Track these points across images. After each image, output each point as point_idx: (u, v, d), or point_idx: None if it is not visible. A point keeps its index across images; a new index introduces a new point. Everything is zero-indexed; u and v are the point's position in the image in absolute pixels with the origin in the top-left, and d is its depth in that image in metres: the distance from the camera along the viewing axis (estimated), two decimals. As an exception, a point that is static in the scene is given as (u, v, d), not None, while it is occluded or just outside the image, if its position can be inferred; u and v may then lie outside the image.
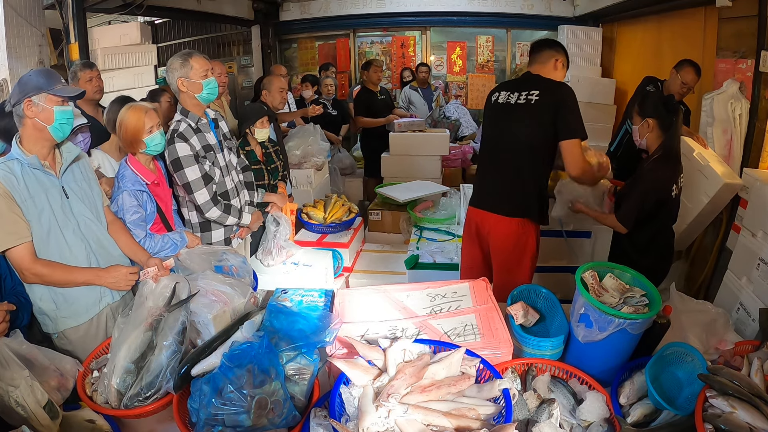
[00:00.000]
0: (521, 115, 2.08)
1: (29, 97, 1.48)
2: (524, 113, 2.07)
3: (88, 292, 1.64)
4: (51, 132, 1.53)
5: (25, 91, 1.49)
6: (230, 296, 1.45)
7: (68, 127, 1.57)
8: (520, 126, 2.09)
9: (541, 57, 2.16)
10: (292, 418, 1.14)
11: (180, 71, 2.02)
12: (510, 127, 2.13)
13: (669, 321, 1.44)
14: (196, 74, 2.02)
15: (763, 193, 2.33)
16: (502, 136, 2.17)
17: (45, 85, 1.50)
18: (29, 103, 1.48)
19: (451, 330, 1.41)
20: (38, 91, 1.49)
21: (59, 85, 1.53)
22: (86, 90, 2.74)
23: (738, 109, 2.67)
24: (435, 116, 5.49)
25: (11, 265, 1.52)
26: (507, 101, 2.15)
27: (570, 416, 1.25)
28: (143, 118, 1.85)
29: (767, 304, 2.07)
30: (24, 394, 1.16)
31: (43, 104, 1.50)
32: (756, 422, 1.05)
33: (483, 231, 2.27)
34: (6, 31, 2.85)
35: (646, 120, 2.14)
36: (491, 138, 2.24)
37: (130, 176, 1.88)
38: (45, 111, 1.50)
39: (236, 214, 2.22)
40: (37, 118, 1.50)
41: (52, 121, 1.51)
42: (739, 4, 2.69)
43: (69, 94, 1.55)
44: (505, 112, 2.14)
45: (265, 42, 6.15)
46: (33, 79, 1.50)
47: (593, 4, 4.85)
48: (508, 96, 2.15)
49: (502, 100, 2.17)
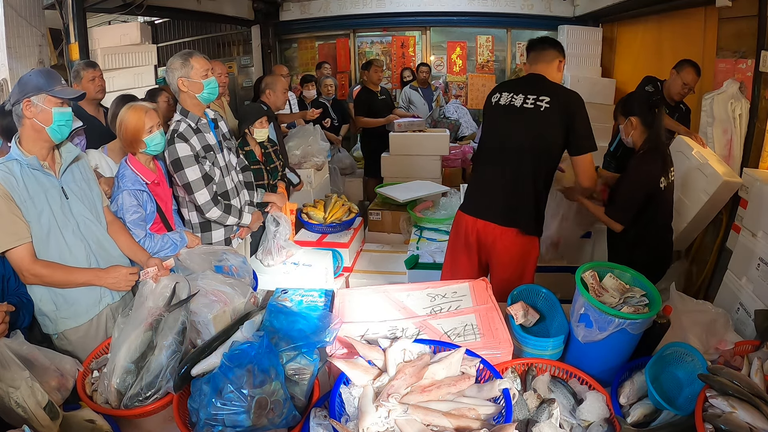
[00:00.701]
0: (528, 120, 1.96)
1: (28, 97, 1.48)
2: (532, 119, 1.95)
3: (88, 293, 1.64)
4: (49, 133, 1.52)
5: (24, 91, 1.48)
6: (230, 296, 1.45)
7: (67, 129, 1.56)
8: (526, 132, 1.97)
9: (545, 56, 2.03)
10: (292, 418, 1.14)
11: (180, 71, 2.01)
12: (514, 132, 2.00)
13: (669, 321, 1.44)
14: (196, 74, 2.02)
15: (763, 193, 2.33)
16: (504, 141, 2.04)
17: (45, 86, 1.49)
18: (28, 103, 1.48)
19: (451, 330, 1.41)
20: (38, 92, 1.48)
21: (59, 86, 1.52)
22: (89, 89, 2.76)
23: (738, 109, 2.67)
24: (435, 116, 5.49)
25: (11, 266, 1.52)
26: (510, 103, 2.02)
27: (570, 416, 1.25)
28: (143, 118, 1.85)
29: (767, 304, 2.07)
30: (24, 395, 1.16)
31: (42, 105, 1.49)
32: (756, 422, 1.05)
33: (486, 241, 2.11)
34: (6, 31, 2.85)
35: (629, 119, 2.17)
36: (491, 142, 2.11)
37: (130, 176, 1.88)
38: (44, 112, 1.49)
39: (236, 214, 2.23)
40: (36, 118, 1.49)
41: (51, 123, 1.51)
42: (739, 4, 2.69)
43: (68, 95, 1.54)
44: (508, 115, 2.02)
45: (265, 42, 6.15)
46: (33, 79, 1.49)
47: (593, 4, 4.85)
48: (510, 98, 2.02)
49: (504, 102, 2.04)
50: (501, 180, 2.05)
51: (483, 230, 2.11)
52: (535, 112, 1.95)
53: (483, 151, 2.20)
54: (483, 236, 2.12)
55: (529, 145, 1.97)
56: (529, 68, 2.10)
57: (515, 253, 2.08)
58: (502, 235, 2.06)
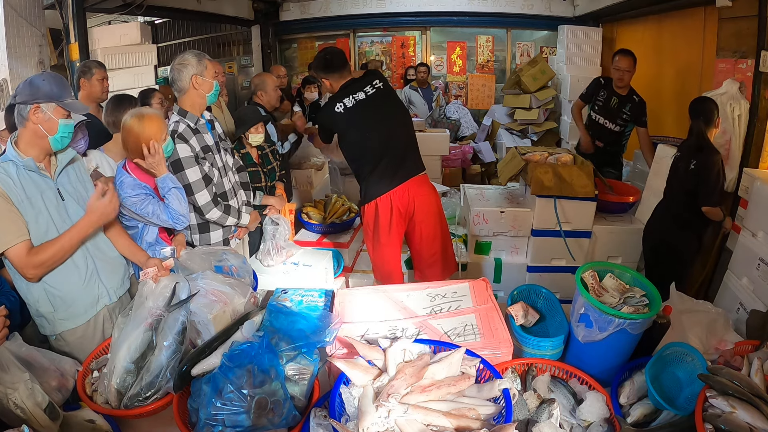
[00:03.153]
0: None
1: (38, 103, 1.47)
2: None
3: (86, 294, 1.64)
4: (51, 142, 1.52)
5: (35, 96, 1.47)
6: (230, 296, 1.45)
7: (67, 141, 1.56)
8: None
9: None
10: (292, 418, 1.14)
11: (196, 68, 2.01)
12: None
13: (669, 321, 1.44)
14: (209, 74, 2.04)
15: (763, 193, 2.33)
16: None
17: (57, 96, 1.49)
18: (37, 109, 1.47)
19: (451, 330, 1.41)
20: (48, 100, 1.48)
21: (69, 98, 1.53)
22: (96, 88, 2.81)
23: (738, 110, 2.67)
24: (435, 116, 5.50)
25: (12, 266, 1.51)
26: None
27: (570, 416, 1.25)
28: (162, 128, 1.82)
29: (767, 304, 2.07)
30: (23, 397, 1.16)
31: (50, 114, 1.49)
32: (756, 422, 1.05)
33: (406, 206, 2.37)
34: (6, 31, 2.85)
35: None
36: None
37: (130, 182, 1.83)
38: (50, 121, 1.49)
39: (236, 214, 2.22)
40: (41, 125, 1.48)
41: (55, 133, 1.51)
42: (739, 4, 2.69)
43: (78, 111, 1.55)
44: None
45: (265, 42, 6.15)
46: (46, 86, 1.48)
47: (593, 4, 4.85)
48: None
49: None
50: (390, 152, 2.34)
51: (401, 195, 2.35)
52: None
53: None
54: (400, 201, 2.35)
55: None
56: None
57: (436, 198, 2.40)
58: (420, 185, 2.37)
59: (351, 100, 2.31)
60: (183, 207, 1.85)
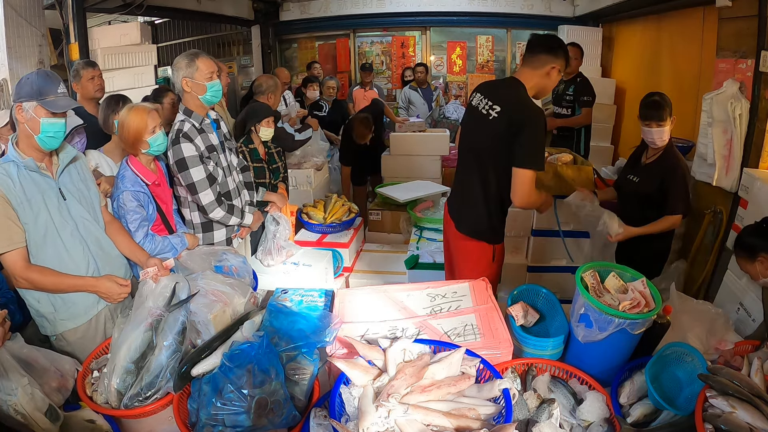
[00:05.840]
0: (484, 126, 1.89)
1: (20, 102, 1.45)
2: (485, 126, 1.89)
3: (86, 294, 1.63)
4: (38, 142, 1.48)
5: (18, 95, 1.45)
6: (230, 296, 1.45)
7: (56, 141, 1.52)
8: (481, 138, 1.92)
9: (534, 61, 1.87)
10: (292, 418, 1.15)
11: (185, 71, 2.01)
12: (473, 136, 1.98)
13: (669, 321, 1.44)
14: (201, 75, 2.01)
15: (763, 193, 2.33)
16: (466, 143, 2.04)
17: (37, 94, 1.44)
18: (19, 108, 1.45)
19: (451, 330, 1.41)
20: (29, 99, 1.45)
21: (53, 95, 1.47)
22: (88, 88, 2.77)
23: (738, 109, 2.67)
24: (435, 116, 5.49)
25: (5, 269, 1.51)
26: (477, 105, 1.95)
27: (570, 416, 1.26)
28: (146, 119, 1.84)
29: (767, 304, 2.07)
30: (22, 402, 1.16)
31: (32, 113, 1.45)
32: (756, 422, 1.05)
33: (448, 238, 2.18)
34: (6, 31, 2.85)
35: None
36: (461, 142, 2.10)
37: (131, 177, 1.87)
38: (32, 120, 1.46)
39: (239, 214, 2.23)
40: (26, 124, 1.47)
41: (38, 132, 1.47)
42: (739, 4, 2.68)
43: (58, 109, 1.47)
44: (473, 117, 1.97)
45: (265, 42, 6.15)
46: (28, 84, 1.45)
47: (593, 4, 4.85)
48: (480, 100, 1.95)
49: (474, 103, 1.98)
50: (459, 182, 2.12)
51: (447, 227, 2.18)
52: (486, 119, 1.89)
53: (459, 149, 2.19)
54: (447, 233, 2.20)
55: (481, 151, 1.94)
56: (519, 67, 2.04)
57: (466, 255, 2.08)
58: (456, 235, 2.10)
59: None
60: (151, 249, 1.86)
